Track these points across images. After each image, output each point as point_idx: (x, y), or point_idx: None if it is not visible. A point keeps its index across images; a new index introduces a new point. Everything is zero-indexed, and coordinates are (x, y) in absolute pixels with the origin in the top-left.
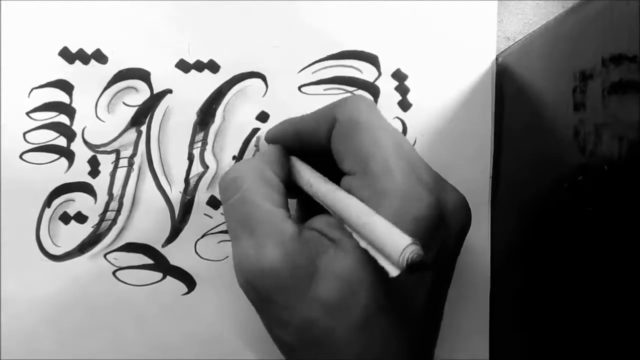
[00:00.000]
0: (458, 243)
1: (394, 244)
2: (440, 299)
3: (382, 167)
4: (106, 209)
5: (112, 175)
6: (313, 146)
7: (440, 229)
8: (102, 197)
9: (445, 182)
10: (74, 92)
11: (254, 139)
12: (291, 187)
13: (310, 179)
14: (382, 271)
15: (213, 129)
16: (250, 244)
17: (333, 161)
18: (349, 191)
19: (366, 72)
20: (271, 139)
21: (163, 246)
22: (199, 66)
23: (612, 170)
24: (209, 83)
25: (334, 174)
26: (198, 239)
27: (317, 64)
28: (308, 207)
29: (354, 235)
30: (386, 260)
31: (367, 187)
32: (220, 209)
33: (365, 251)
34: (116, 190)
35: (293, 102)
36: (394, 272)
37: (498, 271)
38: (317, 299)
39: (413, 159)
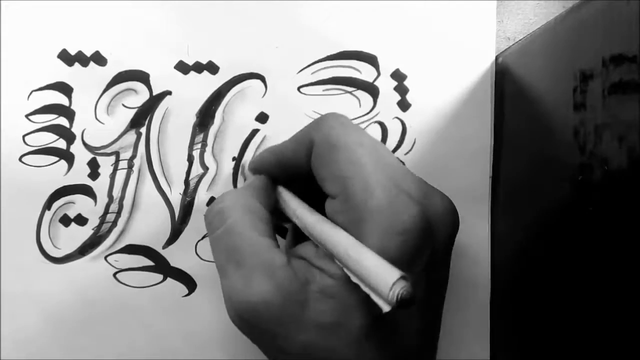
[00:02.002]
0: (447, 248)
1: (383, 281)
2: (436, 305)
3: (361, 187)
4: (106, 211)
5: (112, 177)
6: (296, 172)
7: (429, 237)
8: (102, 199)
9: (431, 188)
10: (73, 94)
11: (240, 169)
12: (280, 215)
13: (297, 210)
14: None
15: (212, 130)
16: (238, 276)
17: (319, 185)
18: (332, 215)
19: (365, 72)
20: (254, 169)
21: (163, 248)
22: (198, 67)
23: (612, 170)
24: (208, 84)
25: (321, 198)
26: (198, 241)
27: (316, 65)
28: (300, 231)
29: (345, 270)
30: (377, 296)
31: (350, 209)
32: None
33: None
34: (116, 192)
35: (292, 102)
36: (385, 307)
37: (498, 271)
38: (313, 323)
39: (395, 171)
